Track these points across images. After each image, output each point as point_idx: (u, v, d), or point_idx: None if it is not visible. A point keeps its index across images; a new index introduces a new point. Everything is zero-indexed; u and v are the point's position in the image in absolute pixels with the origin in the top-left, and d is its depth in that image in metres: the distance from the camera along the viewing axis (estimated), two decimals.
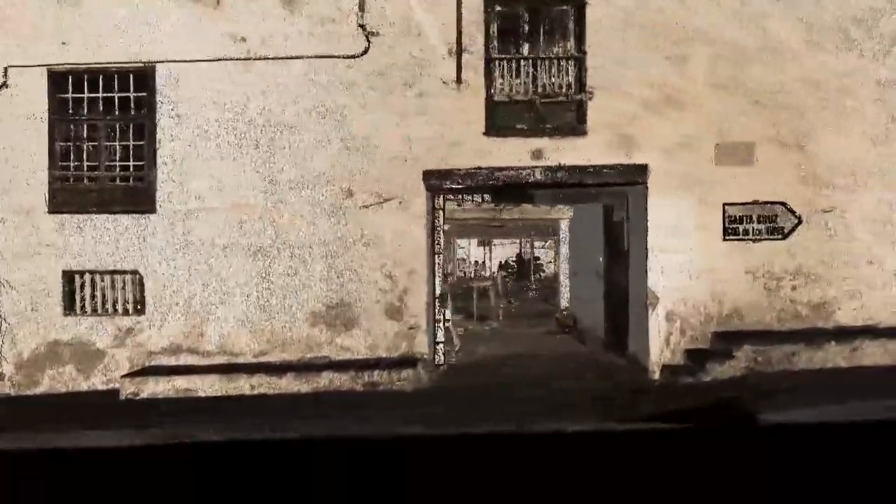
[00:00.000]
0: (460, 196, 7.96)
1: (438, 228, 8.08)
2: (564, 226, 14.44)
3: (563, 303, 14.49)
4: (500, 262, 28.20)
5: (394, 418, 5.57)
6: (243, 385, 6.84)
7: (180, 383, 6.89)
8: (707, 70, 7.12)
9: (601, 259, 9.61)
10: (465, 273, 25.39)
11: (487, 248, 29.18)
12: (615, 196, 8.06)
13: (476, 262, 28.11)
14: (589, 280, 11.08)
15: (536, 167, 7.25)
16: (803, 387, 6.02)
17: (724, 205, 7.11)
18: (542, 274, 26.07)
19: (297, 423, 5.17)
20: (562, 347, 10.30)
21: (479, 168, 7.31)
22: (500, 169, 7.28)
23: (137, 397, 6.90)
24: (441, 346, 8.11)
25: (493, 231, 25.16)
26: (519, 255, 28.46)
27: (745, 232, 7.09)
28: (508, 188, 7.51)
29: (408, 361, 7.17)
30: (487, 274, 26.19)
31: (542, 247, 27.63)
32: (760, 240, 7.09)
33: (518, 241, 28.65)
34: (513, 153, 7.29)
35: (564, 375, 7.71)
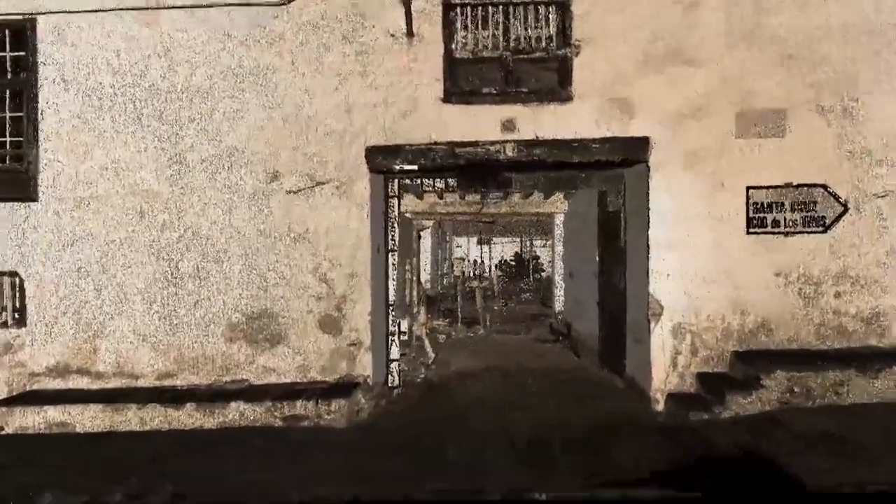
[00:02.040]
0: (418, 181, 6.45)
1: (392, 220, 6.60)
2: (559, 221, 12.93)
3: (558, 306, 12.98)
4: (499, 261, 26.78)
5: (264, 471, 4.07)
6: (132, 418, 5.37)
7: (55, 415, 5.44)
8: (725, 16, 5.57)
9: (596, 258, 8.09)
10: (463, 272, 23.92)
11: (486, 246, 27.76)
12: (610, 180, 6.53)
13: (475, 261, 26.69)
14: (586, 282, 9.58)
15: (508, 142, 5.74)
16: (859, 430, 4.48)
17: (748, 188, 5.57)
18: (541, 274, 24.56)
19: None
20: (550, 359, 8.83)
21: (436, 143, 5.80)
22: (463, 144, 5.77)
23: (2, 432, 5.46)
24: (396, 364, 6.62)
25: (492, 229, 23.78)
26: (517, 255, 26.99)
27: (776, 223, 5.55)
28: (474, 169, 6.00)
29: (345, 387, 5.69)
30: (487, 273, 24.80)
31: (543, 245, 26.22)
32: (795, 233, 5.55)
33: (519, 239, 27.24)
34: (479, 124, 5.79)
35: (542, 399, 6.21)
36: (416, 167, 5.90)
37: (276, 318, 5.92)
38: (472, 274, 23.90)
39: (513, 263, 26.38)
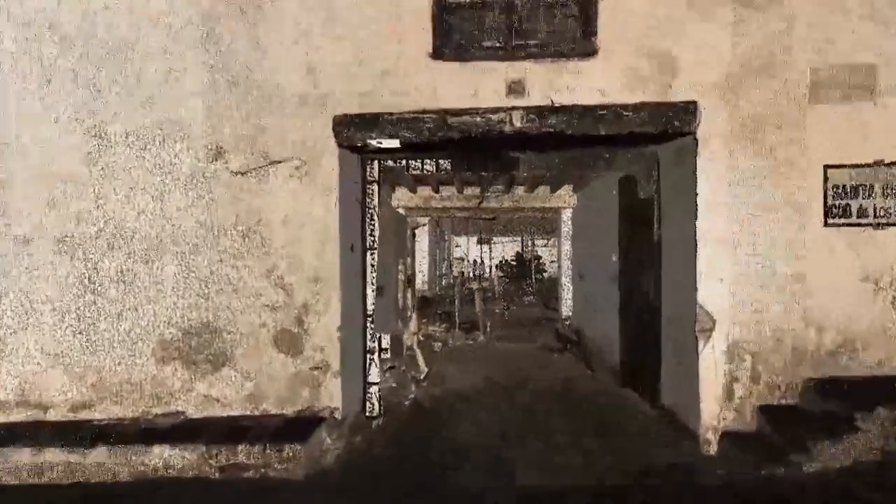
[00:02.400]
0: (403, 162, 5.19)
1: (371, 211, 5.34)
2: (566, 216, 11.68)
3: (565, 311, 11.74)
4: (500, 261, 25.57)
5: None
6: (22, 467, 4.12)
7: None
8: None
9: (615, 258, 6.85)
10: (462, 273, 22.73)
11: (486, 246, 26.56)
12: (640, 160, 5.28)
13: (474, 261, 25.48)
14: (600, 283, 8.35)
15: (515, 109, 4.48)
16: None
17: (826, 168, 4.33)
18: (543, 275, 23.33)
19: None
20: (561, 373, 7.61)
21: (424, 111, 4.54)
22: (458, 112, 4.51)
23: None
24: (376, 389, 5.36)
25: (492, 227, 22.55)
26: (519, 254, 25.75)
27: (862, 212, 4.30)
28: (471, 145, 4.74)
29: (307, 422, 4.43)
30: (487, 274, 23.62)
31: (545, 245, 25.05)
32: (888, 225, 4.31)
33: (520, 238, 26.03)
34: (478, 87, 4.53)
35: (556, 432, 4.94)
36: (398, 142, 4.64)
37: (221, 333, 4.66)
38: (471, 275, 22.71)
39: (514, 263, 25.14)
